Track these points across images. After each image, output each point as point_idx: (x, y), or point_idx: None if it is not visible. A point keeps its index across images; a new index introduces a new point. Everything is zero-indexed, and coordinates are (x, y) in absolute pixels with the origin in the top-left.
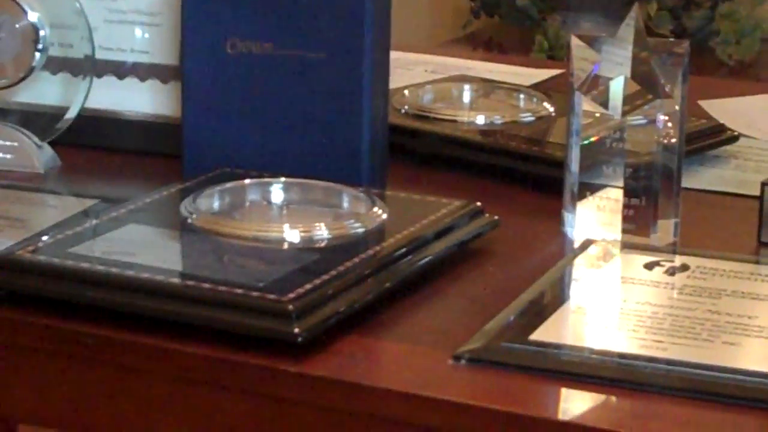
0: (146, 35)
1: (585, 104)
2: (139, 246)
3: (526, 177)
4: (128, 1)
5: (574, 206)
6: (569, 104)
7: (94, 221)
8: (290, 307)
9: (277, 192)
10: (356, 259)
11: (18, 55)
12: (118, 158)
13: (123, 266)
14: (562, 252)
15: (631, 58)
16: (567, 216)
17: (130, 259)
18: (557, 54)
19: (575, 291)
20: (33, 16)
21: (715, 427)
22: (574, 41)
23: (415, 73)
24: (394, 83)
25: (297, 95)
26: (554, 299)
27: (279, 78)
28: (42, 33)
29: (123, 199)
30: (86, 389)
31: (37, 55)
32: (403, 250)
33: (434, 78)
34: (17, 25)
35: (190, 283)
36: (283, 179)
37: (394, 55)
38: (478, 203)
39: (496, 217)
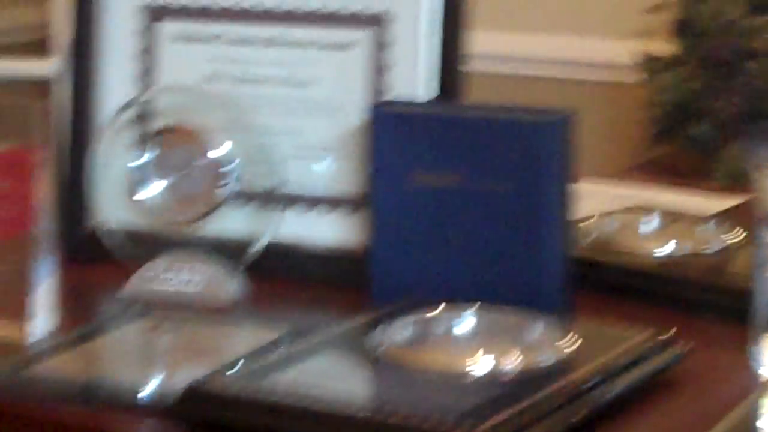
0: (331, 168)
1: None
2: (328, 377)
3: (710, 308)
4: (314, 134)
5: (761, 340)
6: (755, 235)
7: (284, 352)
8: None
9: (465, 322)
10: (547, 391)
11: (205, 188)
12: (305, 289)
13: (313, 399)
14: (751, 385)
15: None
16: (755, 350)
17: (319, 392)
18: (739, 181)
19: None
20: (221, 151)
21: None
22: (760, 171)
23: (597, 202)
24: (576, 212)
25: (483, 227)
26: None
27: (465, 210)
28: (230, 167)
29: (311, 330)
30: None
31: (225, 189)
32: (594, 381)
33: (616, 206)
34: (205, 160)
35: (380, 416)
36: (471, 309)
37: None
38: (671, 332)
39: (687, 347)
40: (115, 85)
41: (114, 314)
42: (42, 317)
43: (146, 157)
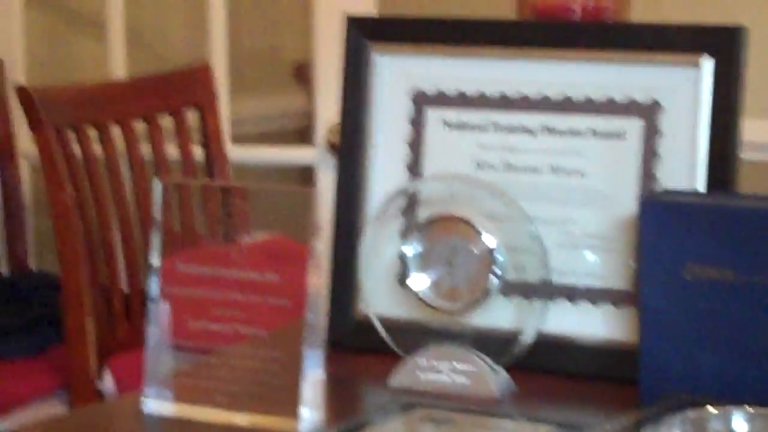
0: (598, 259)
1: None
2: None
3: None
4: (581, 225)
5: None
6: None
7: None
8: None
9: (740, 423)
10: None
11: (473, 278)
12: (571, 383)
13: None
14: None
15: None
16: None
17: None
18: None
19: None
20: (489, 240)
21: None
22: None
23: None
24: None
25: (758, 322)
26: None
27: (739, 304)
28: (498, 257)
29: (579, 426)
30: None
31: (493, 278)
32: None
33: None
34: (473, 249)
35: None
36: (746, 408)
37: None
38: None
39: None
40: (384, 172)
41: (380, 407)
42: (311, 408)
43: (415, 246)
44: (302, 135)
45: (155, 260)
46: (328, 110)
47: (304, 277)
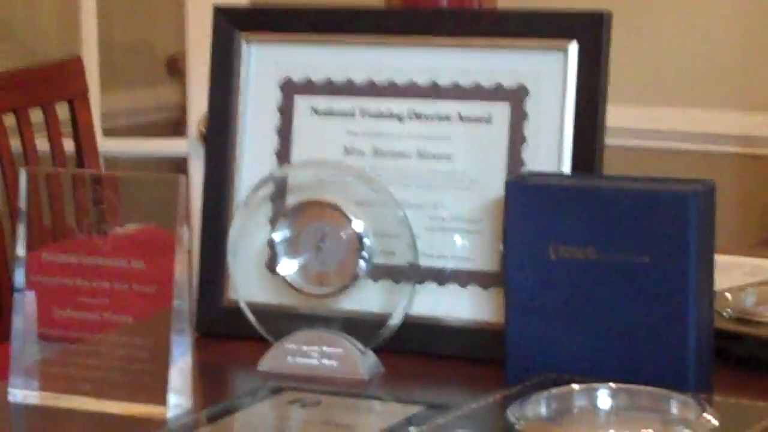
0: (466, 242)
1: None
2: None
3: None
4: (449, 208)
5: None
6: None
7: (421, 428)
8: None
9: (604, 398)
10: None
11: (342, 263)
12: (440, 364)
13: None
14: None
15: None
16: None
17: None
18: None
19: None
20: (358, 225)
21: None
22: None
23: (733, 275)
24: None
25: (621, 299)
26: None
27: (602, 283)
28: (366, 241)
29: (447, 406)
30: None
31: (361, 263)
32: None
33: (752, 280)
34: (342, 234)
35: None
36: (609, 385)
37: None
38: None
39: None
40: (253, 160)
41: (249, 391)
42: (179, 395)
43: (284, 232)
44: (176, 127)
45: (21, 251)
46: (200, 102)
47: (171, 264)
